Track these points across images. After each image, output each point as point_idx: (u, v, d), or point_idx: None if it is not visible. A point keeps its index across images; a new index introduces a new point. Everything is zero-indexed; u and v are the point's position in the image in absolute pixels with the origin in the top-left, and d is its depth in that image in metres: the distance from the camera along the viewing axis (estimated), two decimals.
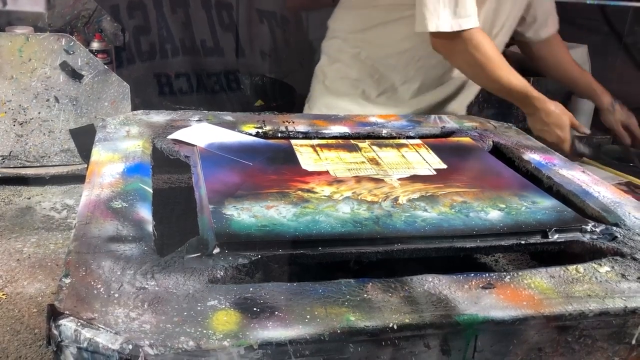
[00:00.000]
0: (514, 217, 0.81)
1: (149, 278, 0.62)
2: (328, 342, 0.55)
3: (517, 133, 1.21)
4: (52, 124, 1.26)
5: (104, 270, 0.63)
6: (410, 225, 0.77)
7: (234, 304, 0.58)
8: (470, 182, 0.93)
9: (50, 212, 1.15)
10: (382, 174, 0.94)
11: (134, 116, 1.11)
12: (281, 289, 0.61)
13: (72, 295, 0.58)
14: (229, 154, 0.96)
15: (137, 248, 0.68)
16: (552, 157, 1.08)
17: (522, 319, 0.60)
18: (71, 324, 0.54)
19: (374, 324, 0.57)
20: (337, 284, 0.63)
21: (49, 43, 1.22)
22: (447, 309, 0.60)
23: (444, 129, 1.19)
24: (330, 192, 0.85)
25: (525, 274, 0.68)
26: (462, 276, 0.66)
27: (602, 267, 0.71)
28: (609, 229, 0.81)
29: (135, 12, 2.26)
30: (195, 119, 1.12)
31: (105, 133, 1.02)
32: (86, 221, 0.73)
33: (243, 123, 1.12)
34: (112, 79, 1.27)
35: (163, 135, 1.02)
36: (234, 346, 0.53)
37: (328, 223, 0.76)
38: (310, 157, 0.99)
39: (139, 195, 0.80)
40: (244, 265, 0.67)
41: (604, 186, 0.96)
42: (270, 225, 0.74)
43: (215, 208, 0.77)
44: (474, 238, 0.76)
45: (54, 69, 1.23)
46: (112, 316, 0.56)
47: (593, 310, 0.62)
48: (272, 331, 0.55)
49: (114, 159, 0.91)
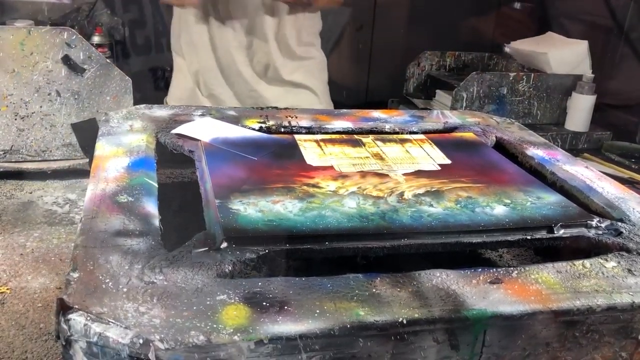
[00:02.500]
0: (519, 213, 0.82)
1: (157, 272, 0.62)
2: (338, 336, 0.55)
3: (519, 129, 1.21)
4: (54, 118, 1.26)
5: (111, 264, 0.63)
6: (416, 220, 0.77)
7: (243, 299, 0.58)
8: (475, 177, 0.93)
9: (53, 206, 1.15)
10: (387, 169, 0.94)
11: (137, 110, 1.11)
12: (290, 284, 0.61)
13: (80, 290, 0.58)
14: (233, 148, 0.96)
15: (144, 242, 0.68)
16: (555, 152, 1.08)
17: (530, 313, 0.60)
18: (80, 319, 0.54)
19: (384, 319, 0.57)
20: (346, 279, 0.63)
21: (50, 36, 1.21)
22: (455, 304, 0.60)
23: (446, 124, 1.19)
24: (336, 187, 0.85)
25: (532, 269, 0.68)
26: (469, 271, 0.66)
27: (608, 262, 0.71)
28: (614, 225, 0.81)
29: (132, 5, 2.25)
30: (198, 113, 1.11)
31: (109, 127, 1.01)
32: (92, 215, 0.72)
33: (246, 118, 1.11)
34: (114, 73, 1.26)
35: (166, 130, 1.02)
36: (244, 340, 0.53)
37: (334, 218, 0.76)
38: (314, 152, 0.98)
39: (144, 190, 0.80)
40: (251, 259, 0.67)
41: (608, 182, 0.97)
42: (277, 220, 0.74)
43: (221, 203, 0.77)
44: (481, 233, 0.76)
45: (55, 63, 1.22)
46: (121, 310, 0.56)
47: (601, 305, 0.62)
48: (282, 326, 0.55)
49: (118, 153, 0.91)
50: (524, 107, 1.89)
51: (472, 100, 1.78)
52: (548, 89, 1.91)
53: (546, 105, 1.92)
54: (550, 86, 1.90)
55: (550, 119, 1.95)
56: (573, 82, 1.90)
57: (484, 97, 1.81)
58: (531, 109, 1.90)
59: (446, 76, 2.17)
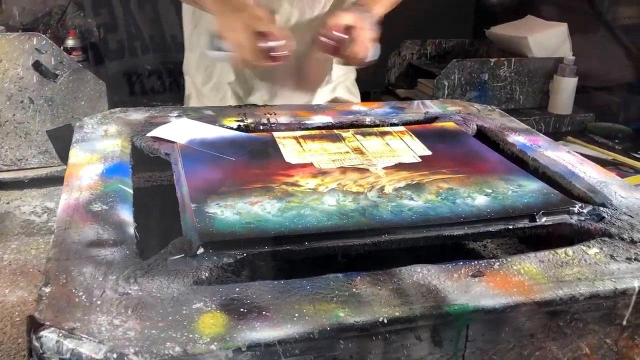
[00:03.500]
0: (500, 202, 0.81)
1: (132, 283, 0.61)
2: (318, 339, 0.54)
3: (500, 115, 1.20)
4: (28, 126, 1.24)
5: (85, 277, 0.61)
6: (397, 215, 0.76)
7: (220, 306, 0.57)
8: (456, 167, 0.92)
9: (31, 216, 1.13)
10: (367, 164, 0.93)
11: (112, 114, 1.09)
12: (268, 288, 0.60)
13: (52, 305, 0.57)
14: (210, 149, 0.94)
15: (118, 252, 0.66)
16: (537, 138, 1.07)
17: (512, 306, 0.60)
18: (52, 335, 0.53)
19: (364, 319, 0.56)
20: (325, 279, 0.62)
21: (19, 42, 1.18)
22: (437, 300, 0.59)
23: (427, 114, 1.18)
24: (315, 185, 0.84)
25: (514, 259, 0.67)
26: (451, 265, 0.65)
27: (590, 249, 0.70)
28: (596, 210, 0.81)
29: (102, 9, 2.21)
30: (174, 114, 1.09)
31: (83, 133, 0.99)
32: (65, 226, 0.71)
33: (224, 117, 1.10)
34: (88, 77, 1.24)
35: (142, 133, 1.00)
36: (221, 349, 0.52)
37: (314, 217, 0.74)
38: (293, 149, 0.97)
39: (119, 197, 0.78)
40: (229, 264, 0.66)
41: (590, 166, 0.96)
42: (255, 222, 0.72)
43: (197, 206, 0.75)
44: (462, 225, 0.76)
45: (26, 70, 1.20)
46: (95, 324, 0.54)
47: (583, 293, 0.62)
48: (260, 332, 0.54)
49: (93, 160, 0.89)
50: (506, 92, 1.88)
51: (453, 88, 1.78)
52: (529, 73, 1.90)
53: (528, 90, 1.92)
54: (531, 70, 1.90)
55: (533, 103, 1.95)
56: (554, 65, 1.90)
57: (466, 84, 1.80)
58: (513, 94, 1.90)
59: (427, 64, 2.16)
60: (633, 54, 1.98)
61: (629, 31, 1.99)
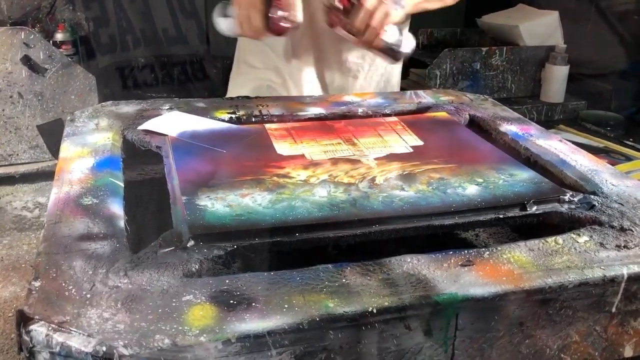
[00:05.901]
0: (491, 191, 0.81)
1: (122, 276, 0.61)
2: (307, 330, 0.54)
3: (493, 105, 1.20)
4: (18, 121, 1.23)
5: (75, 270, 0.61)
6: (387, 205, 0.76)
7: (209, 298, 0.57)
8: (447, 157, 0.92)
9: (22, 211, 1.13)
10: (359, 155, 0.93)
11: (103, 108, 1.08)
12: (258, 279, 0.60)
13: (42, 299, 0.56)
14: (201, 142, 0.94)
15: (109, 245, 0.66)
16: (529, 127, 1.07)
17: (502, 294, 0.60)
18: (42, 329, 0.53)
19: (353, 309, 0.56)
20: (315, 271, 0.62)
21: (7, 37, 1.17)
22: (426, 289, 0.59)
23: (420, 104, 1.18)
24: (307, 176, 0.84)
25: (504, 248, 0.67)
26: (441, 254, 0.65)
27: (580, 237, 0.71)
28: (586, 198, 0.81)
29: (92, 2, 2.19)
30: (166, 107, 1.09)
31: (74, 127, 0.99)
32: (55, 220, 0.70)
33: (216, 109, 1.09)
34: (77, 71, 1.23)
35: (133, 126, 0.99)
36: (211, 341, 0.52)
37: (304, 208, 0.74)
38: (285, 141, 0.97)
39: (109, 190, 0.78)
40: (219, 256, 0.66)
41: (581, 154, 0.96)
42: (246, 214, 0.72)
43: (188, 199, 0.75)
44: (452, 215, 0.76)
45: (15, 64, 1.19)
46: (84, 318, 0.54)
47: (572, 281, 0.62)
48: (250, 323, 0.54)
49: (83, 154, 0.89)
50: (498, 81, 1.88)
51: (445, 77, 1.77)
52: (521, 62, 1.90)
53: (520, 78, 1.92)
54: (523, 59, 1.90)
55: (525, 92, 1.95)
56: (546, 53, 1.90)
57: (458, 74, 1.80)
58: (505, 82, 1.90)
59: (420, 54, 2.15)
60: (624, 42, 1.98)
61: (620, 18, 1.99)
